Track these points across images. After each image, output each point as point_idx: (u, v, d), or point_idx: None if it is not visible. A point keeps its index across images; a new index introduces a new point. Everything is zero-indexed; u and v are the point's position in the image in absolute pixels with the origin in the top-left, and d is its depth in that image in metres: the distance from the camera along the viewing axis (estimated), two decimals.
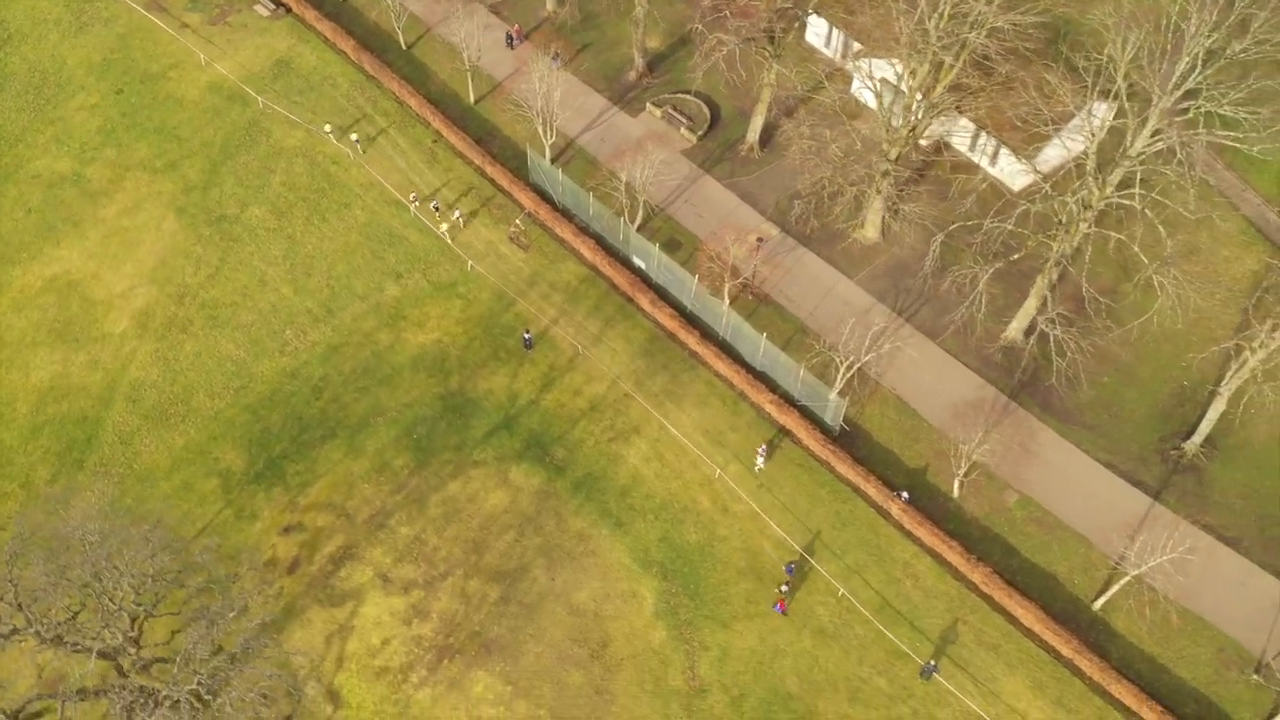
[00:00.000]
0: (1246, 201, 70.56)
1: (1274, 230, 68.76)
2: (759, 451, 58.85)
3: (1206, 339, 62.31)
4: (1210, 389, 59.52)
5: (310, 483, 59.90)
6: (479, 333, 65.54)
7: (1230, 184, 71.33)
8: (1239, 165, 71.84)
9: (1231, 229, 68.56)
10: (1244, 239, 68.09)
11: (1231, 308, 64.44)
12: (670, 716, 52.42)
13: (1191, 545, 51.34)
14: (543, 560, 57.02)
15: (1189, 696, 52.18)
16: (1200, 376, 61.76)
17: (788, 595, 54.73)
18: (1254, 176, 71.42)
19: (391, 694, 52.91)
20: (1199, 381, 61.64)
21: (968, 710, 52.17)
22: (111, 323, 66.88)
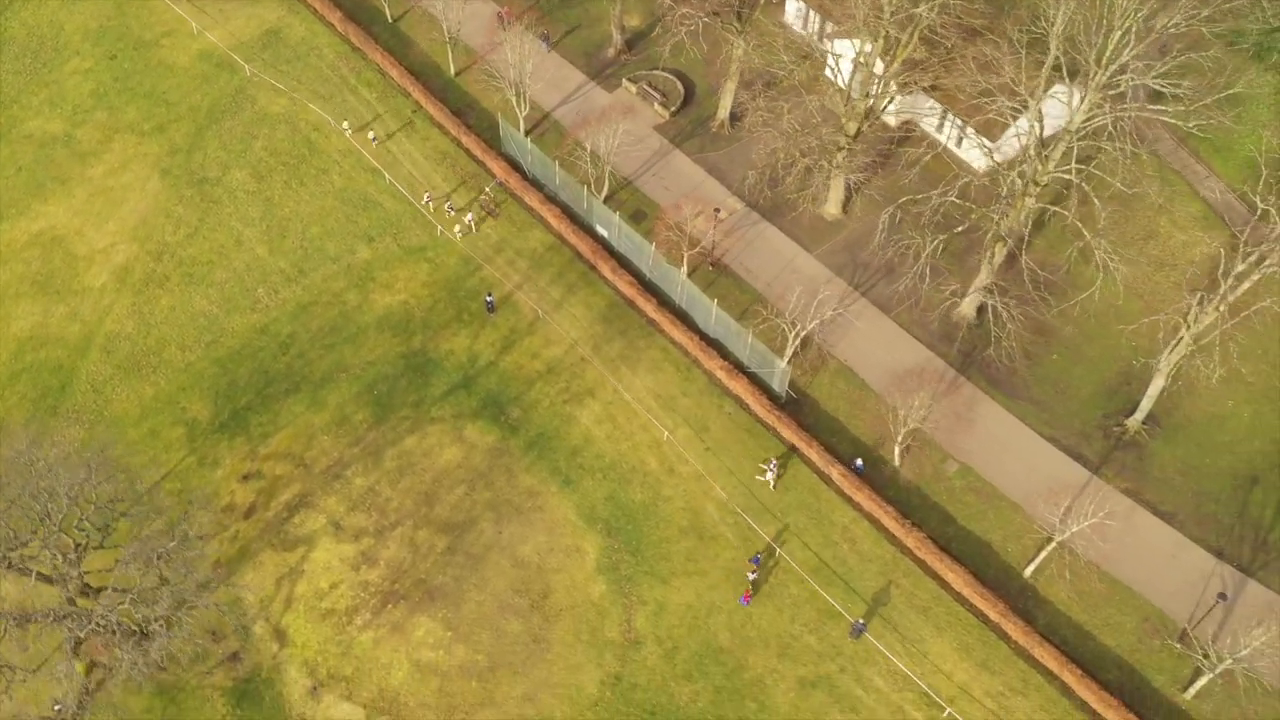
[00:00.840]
0: (1209, 187, 71.18)
1: (1235, 216, 69.32)
2: (769, 467, 58.29)
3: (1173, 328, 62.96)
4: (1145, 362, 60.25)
5: (272, 433, 61.83)
6: (444, 295, 67.27)
7: (1193, 170, 71.97)
8: (1205, 153, 72.53)
9: (1194, 212, 69.32)
10: (1204, 223, 68.72)
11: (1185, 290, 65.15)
12: (604, 666, 53.93)
13: (1111, 511, 52.38)
14: (491, 514, 58.65)
15: (1111, 663, 53.14)
16: (1148, 355, 62.46)
17: (754, 587, 55.52)
18: (1218, 163, 72.03)
19: (335, 635, 54.73)
20: (1147, 360, 62.36)
21: (894, 669, 53.35)
22: (92, 277, 69.09)
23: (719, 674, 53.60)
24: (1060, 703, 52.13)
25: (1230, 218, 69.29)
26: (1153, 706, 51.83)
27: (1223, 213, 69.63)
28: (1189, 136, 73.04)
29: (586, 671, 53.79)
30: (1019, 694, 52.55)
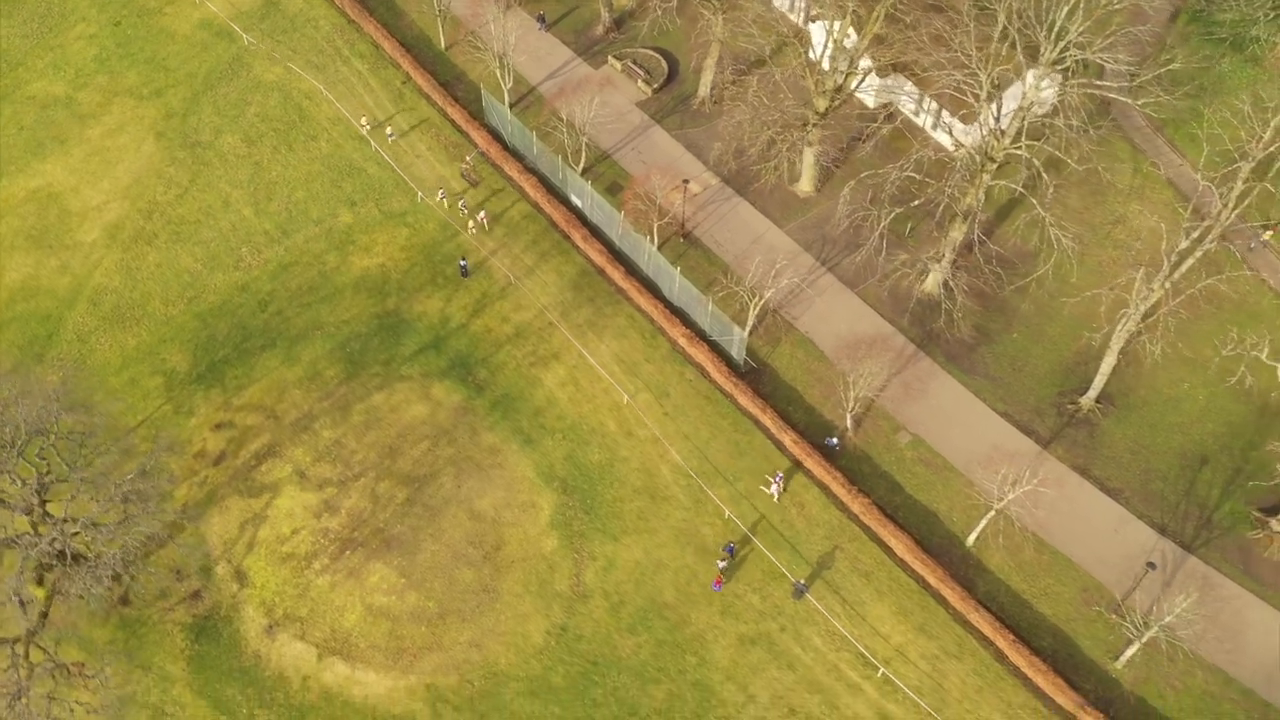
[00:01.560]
0: (1182, 175, 71.67)
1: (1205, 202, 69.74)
2: (774, 480, 58.00)
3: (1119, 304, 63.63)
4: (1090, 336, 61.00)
5: (246, 386, 63.82)
6: (420, 259, 69.05)
7: (1167, 157, 72.50)
8: (1180, 141, 73.07)
9: (1165, 198, 69.87)
10: (1172, 209, 69.19)
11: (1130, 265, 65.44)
12: (551, 617, 55.48)
13: (1046, 478, 53.29)
14: (452, 469, 60.32)
15: (1046, 631, 54.06)
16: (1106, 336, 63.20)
17: (726, 574, 56.01)
18: (1191, 151, 72.45)
19: (294, 577, 56.60)
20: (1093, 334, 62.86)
21: (833, 630, 54.54)
22: (84, 232, 71.41)
23: (662, 628, 55.01)
24: (993, 667, 53.15)
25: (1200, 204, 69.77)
26: (1084, 673, 52.73)
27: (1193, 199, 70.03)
28: (1165, 124, 73.80)
29: (533, 621, 55.36)
30: (954, 658, 53.60)
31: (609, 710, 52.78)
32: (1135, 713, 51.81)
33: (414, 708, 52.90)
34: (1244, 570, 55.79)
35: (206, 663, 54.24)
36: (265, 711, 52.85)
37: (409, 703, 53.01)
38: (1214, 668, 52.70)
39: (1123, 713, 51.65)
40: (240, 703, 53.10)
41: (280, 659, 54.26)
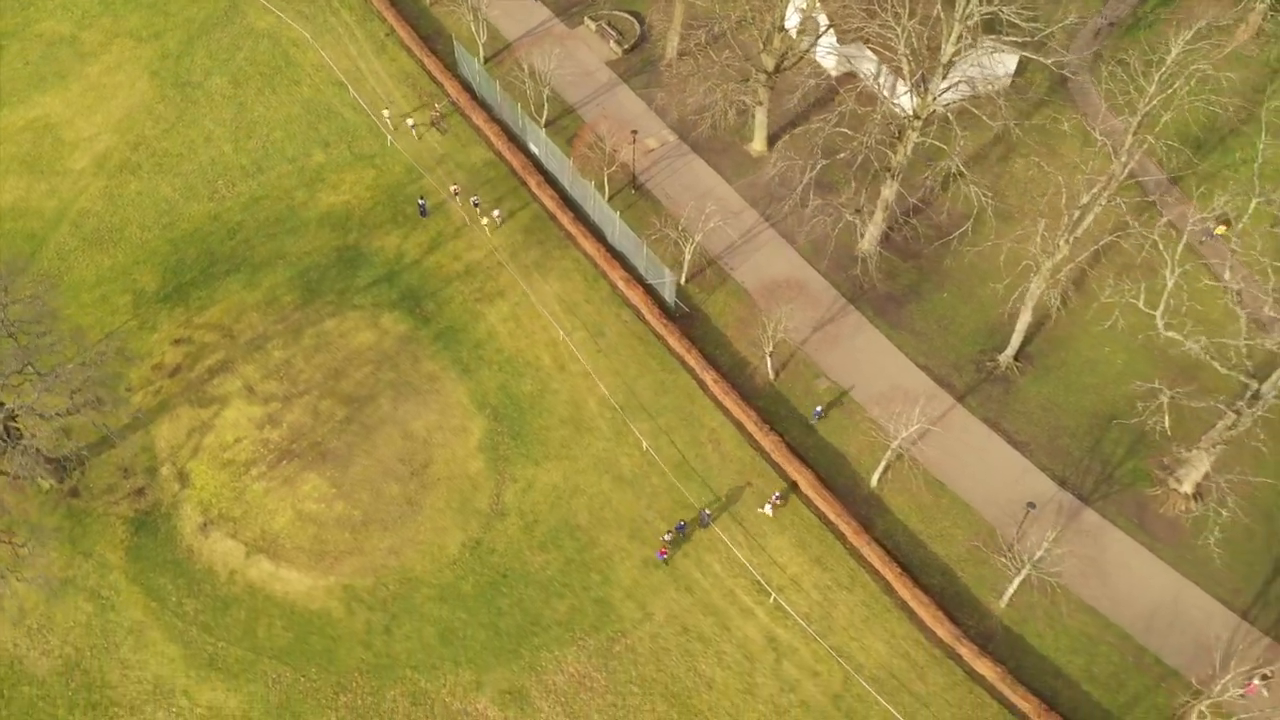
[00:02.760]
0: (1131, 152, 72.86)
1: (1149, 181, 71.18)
2: (773, 499, 57.78)
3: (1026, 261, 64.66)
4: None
5: (208, 306, 67.51)
6: (384, 199, 72.39)
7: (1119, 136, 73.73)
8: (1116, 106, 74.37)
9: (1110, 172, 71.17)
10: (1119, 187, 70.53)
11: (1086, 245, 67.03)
12: (468, 531, 58.48)
13: (941, 419, 55.30)
14: (391, 392, 63.52)
15: (937, 569, 56.05)
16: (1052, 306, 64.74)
17: (670, 546, 56.86)
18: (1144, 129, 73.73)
19: (231, 482, 60.10)
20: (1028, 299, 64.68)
21: (733, 558, 56.96)
22: (74, 161, 75.64)
23: (572, 548, 57.78)
24: (881, 600, 55.26)
25: (1144, 178, 71.23)
26: (968, 610, 54.69)
27: (1137, 173, 71.46)
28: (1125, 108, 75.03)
29: (451, 534, 58.39)
30: (845, 589, 55.79)
31: (513, 618, 55.65)
32: (1014, 649, 53.70)
33: (330, 605, 56.17)
34: (1138, 524, 57.37)
35: (143, 554, 57.91)
36: (192, 600, 56.39)
37: (326, 600, 56.29)
38: (1095, 612, 54.43)
39: (1002, 648, 53.57)
40: (170, 591, 56.70)
41: (211, 554, 57.80)
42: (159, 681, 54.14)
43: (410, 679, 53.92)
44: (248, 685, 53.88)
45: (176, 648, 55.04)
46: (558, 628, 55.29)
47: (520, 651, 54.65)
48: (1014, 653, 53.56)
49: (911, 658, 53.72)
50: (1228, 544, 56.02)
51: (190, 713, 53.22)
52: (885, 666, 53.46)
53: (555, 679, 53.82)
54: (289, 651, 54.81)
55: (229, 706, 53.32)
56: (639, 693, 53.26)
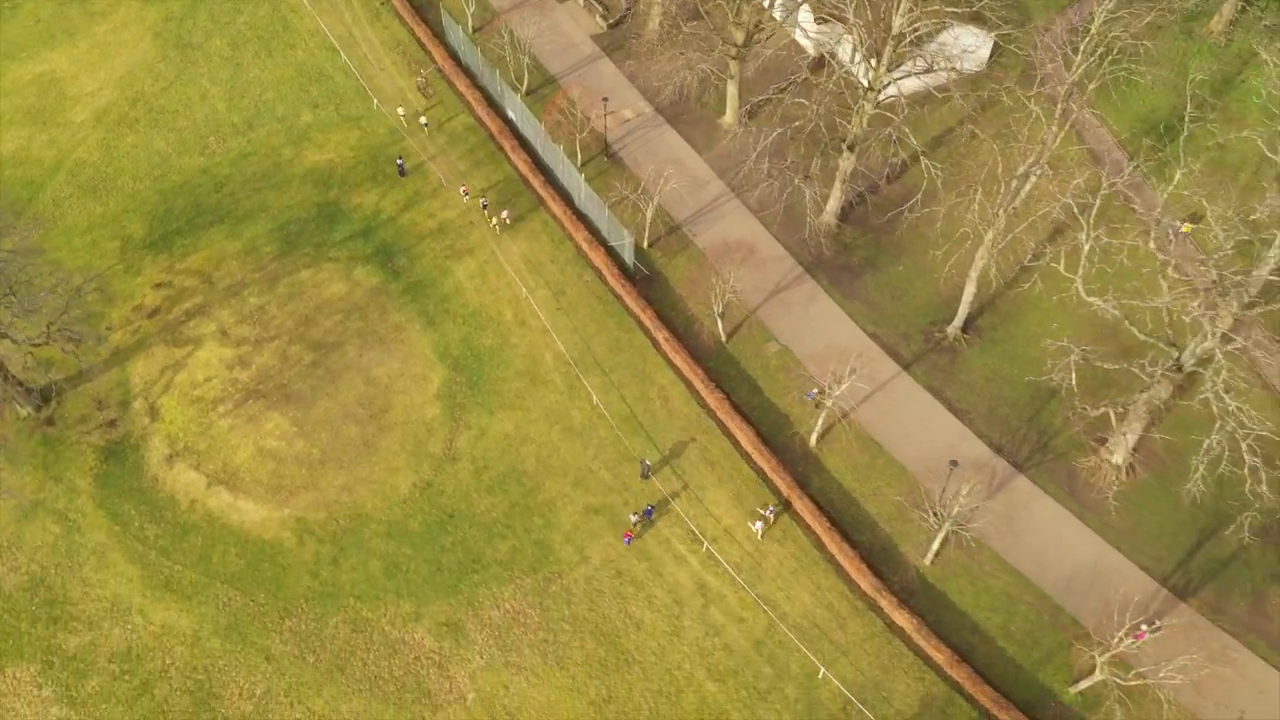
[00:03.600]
0: (1097, 136, 74.12)
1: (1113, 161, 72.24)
2: (766, 514, 57.40)
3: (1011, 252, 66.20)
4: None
5: (190, 254, 70.38)
6: (366, 159, 74.98)
7: (1086, 119, 74.94)
8: (1102, 106, 75.51)
9: (1073, 155, 72.36)
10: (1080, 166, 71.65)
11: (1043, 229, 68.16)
12: (420, 473, 60.80)
13: (872, 376, 56.83)
14: (358, 340, 66.00)
15: (867, 527, 57.63)
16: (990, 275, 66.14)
17: (638, 529, 57.87)
18: (1111, 115, 74.95)
19: (199, 417, 62.82)
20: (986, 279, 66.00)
21: (672, 509, 58.85)
22: (75, 114, 78.89)
23: (518, 492, 59.95)
24: (811, 553, 56.95)
25: (1107, 162, 72.26)
26: (894, 566, 56.25)
27: (1102, 157, 72.58)
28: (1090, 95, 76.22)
29: (403, 475, 60.74)
30: (777, 542, 57.53)
31: (455, 555, 57.91)
32: (935, 604, 55.21)
33: (283, 535, 58.71)
34: (1068, 492, 58.63)
35: (110, 481, 60.74)
36: (154, 526, 59.14)
37: (279, 531, 58.84)
38: (1018, 573, 55.80)
39: (923, 603, 55.11)
40: (134, 517, 59.49)
41: (174, 484, 60.53)
42: (117, 600, 56.90)
43: (353, 607, 56.34)
44: (200, 607, 56.53)
45: (136, 569, 57.80)
46: (497, 566, 57.47)
47: (460, 587, 56.89)
48: (934, 608, 55.08)
49: (835, 609, 55.38)
50: (1154, 513, 57.27)
51: (144, 630, 55.93)
52: (809, 616, 55.16)
53: (491, 614, 56.01)
54: (240, 577, 57.41)
55: (181, 625, 55.99)
56: (570, 630, 55.32)
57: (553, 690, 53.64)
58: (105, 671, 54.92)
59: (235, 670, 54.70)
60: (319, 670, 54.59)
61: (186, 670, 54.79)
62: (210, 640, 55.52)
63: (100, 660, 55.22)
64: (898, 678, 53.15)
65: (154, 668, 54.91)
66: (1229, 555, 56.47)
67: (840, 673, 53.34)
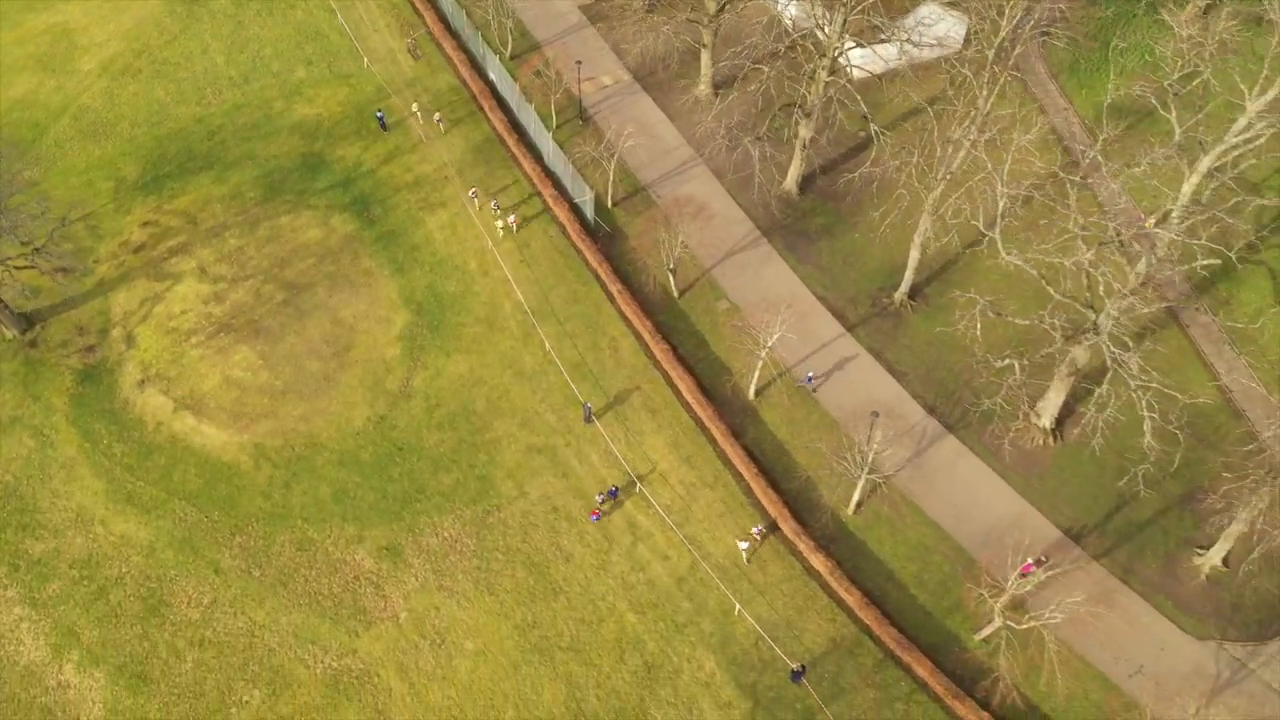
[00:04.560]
0: (1064, 117, 75.39)
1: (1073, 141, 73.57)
2: (755, 533, 57.31)
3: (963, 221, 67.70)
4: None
5: (178, 196, 73.78)
6: (353, 114, 78.04)
7: (1054, 101, 76.35)
8: (1070, 88, 76.83)
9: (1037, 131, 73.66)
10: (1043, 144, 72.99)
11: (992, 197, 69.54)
12: (375, 408, 63.62)
13: (798, 322, 58.89)
14: (328, 282, 68.98)
15: (796, 477, 59.61)
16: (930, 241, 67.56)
17: (603, 509, 58.88)
18: (1078, 98, 76.21)
19: (172, 346, 66.10)
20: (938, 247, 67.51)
21: (609, 451, 61.21)
22: (83, 63, 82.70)
23: (466, 430, 62.59)
24: (739, 499, 59.07)
25: (1070, 142, 73.61)
26: (818, 515, 58.18)
27: (1064, 137, 73.88)
28: (1059, 72, 77.60)
29: (359, 409, 63.60)
30: (708, 487, 59.69)
31: (401, 485, 60.67)
32: (854, 552, 57.12)
33: (240, 458, 61.81)
34: (993, 452, 60.24)
35: (84, 402, 64.17)
36: (121, 445, 62.46)
37: (237, 454, 61.94)
38: (937, 526, 57.56)
39: (842, 549, 57.02)
40: (103, 435, 62.86)
41: (143, 407, 63.84)
42: (82, 510, 60.28)
43: (300, 528, 59.29)
44: (157, 520, 59.75)
45: (101, 483, 61.15)
46: (440, 497, 60.15)
47: (403, 515, 59.65)
48: (853, 554, 57.00)
49: (758, 552, 57.42)
50: (1077, 476, 58.80)
51: (105, 539, 59.24)
52: (731, 557, 57.28)
53: (430, 540, 58.70)
54: (197, 495, 60.56)
55: (139, 536, 59.23)
56: (503, 559, 57.87)
57: (481, 614, 56.22)
58: (66, 576, 58.29)
59: (186, 580, 57.86)
60: (263, 584, 57.58)
61: (141, 578, 58.03)
62: (165, 552, 58.71)
63: (62, 566, 58.60)
64: (810, 618, 55.14)
65: (111, 574, 58.20)
66: (1146, 520, 57.88)
67: (755, 611, 55.43)
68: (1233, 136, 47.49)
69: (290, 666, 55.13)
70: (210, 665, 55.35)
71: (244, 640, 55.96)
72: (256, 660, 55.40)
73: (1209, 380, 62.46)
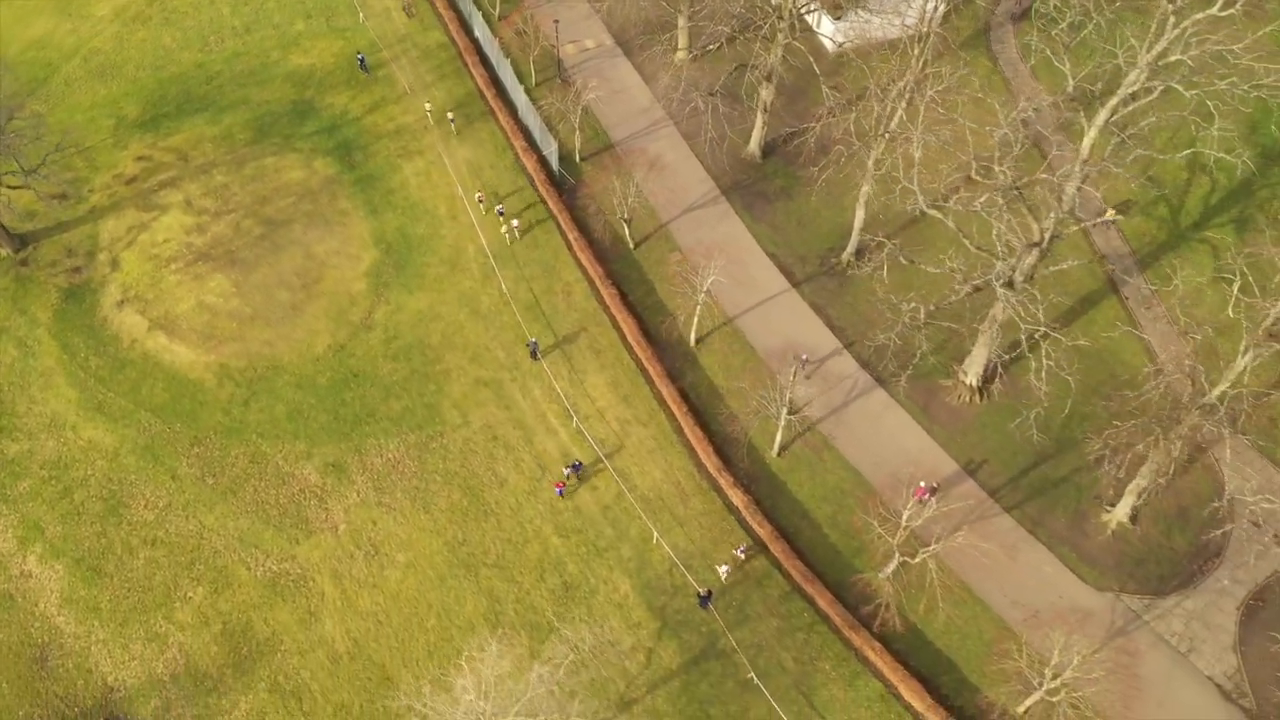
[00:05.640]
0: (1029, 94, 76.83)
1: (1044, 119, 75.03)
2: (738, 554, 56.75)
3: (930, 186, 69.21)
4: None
5: (173, 134, 77.73)
6: (345, 65, 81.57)
7: (1025, 81, 77.84)
8: (1040, 72, 78.28)
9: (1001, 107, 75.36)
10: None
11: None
12: (335, 336, 66.93)
13: (731, 268, 61.25)
14: (305, 220, 72.44)
15: (726, 418, 61.85)
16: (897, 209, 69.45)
17: (569, 483, 60.03)
18: (1045, 78, 77.62)
19: (152, 271, 69.90)
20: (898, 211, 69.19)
21: (552, 387, 64.00)
22: (98, 8, 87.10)
23: (420, 361, 65.68)
24: (670, 436, 61.57)
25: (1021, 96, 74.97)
26: (743, 454, 60.43)
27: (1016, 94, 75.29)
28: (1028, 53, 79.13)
29: (321, 337, 66.94)
30: (642, 424, 62.25)
31: (353, 409, 63.90)
32: (773, 490, 59.37)
33: (205, 376, 65.41)
34: (922, 408, 62.16)
35: (67, 318, 68.16)
36: (97, 358, 66.34)
37: (203, 373, 65.55)
38: (856, 472, 59.63)
39: (762, 488, 59.31)
40: (80, 348, 66.78)
41: (120, 325, 67.67)
42: (55, 416, 64.21)
43: (254, 443, 62.72)
44: (123, 429, 63.49)
45: (75, 392, 65.05)
46: (388, 421, 63.29)
47: (351, 435, 62.87)
48: (772, 493, 59.28)
49: (681, 486, 59.92)
50: (998, 433, 60.59)
51: (74, 444, 63.09)
52: (656, 489, 59.80)
53: (374, 460, 61.86)
54: (162, 408, 64.24)
55: (105, 442, 63.01)
56: (441, 481, 60.87)
57: (415, 529, 59.26)
58: (36, 475, 62.21)
59: (145, 485, 61.52)
60: (215, 492, 61.08)
61: (104, 480, 61.79)
62: (128, 457, 62.43)
63: (34, 466, 62.53)
64: (724, 550, 57.47)
65: (77, 476, 62.02)
66: (1061, 477, 59.51)
67: (673, 540, 57.91)
68: (1125, 89, 49.08)
69: (233, 567, 58.54)
70: (160, 563, 58.94)
71: (193, 541, 59.49)
72: (203, 560, 58.89)
73: (1137, 346, 63.79)
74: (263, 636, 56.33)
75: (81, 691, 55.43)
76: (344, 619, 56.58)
